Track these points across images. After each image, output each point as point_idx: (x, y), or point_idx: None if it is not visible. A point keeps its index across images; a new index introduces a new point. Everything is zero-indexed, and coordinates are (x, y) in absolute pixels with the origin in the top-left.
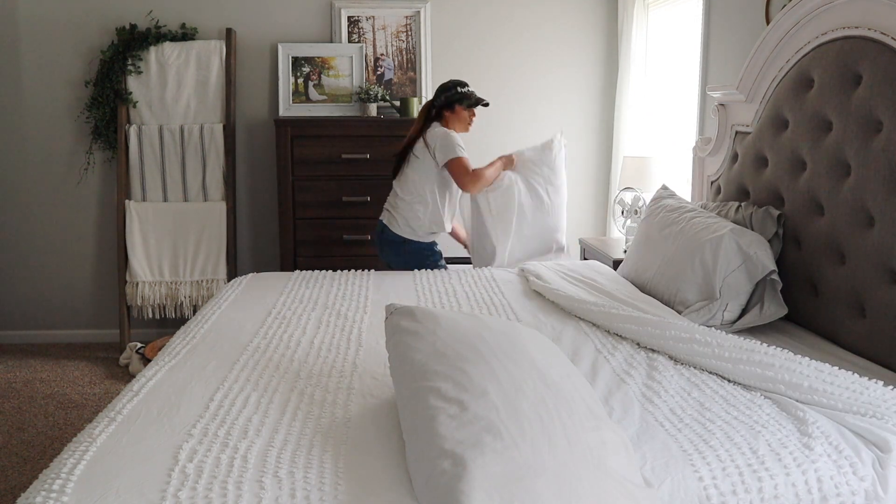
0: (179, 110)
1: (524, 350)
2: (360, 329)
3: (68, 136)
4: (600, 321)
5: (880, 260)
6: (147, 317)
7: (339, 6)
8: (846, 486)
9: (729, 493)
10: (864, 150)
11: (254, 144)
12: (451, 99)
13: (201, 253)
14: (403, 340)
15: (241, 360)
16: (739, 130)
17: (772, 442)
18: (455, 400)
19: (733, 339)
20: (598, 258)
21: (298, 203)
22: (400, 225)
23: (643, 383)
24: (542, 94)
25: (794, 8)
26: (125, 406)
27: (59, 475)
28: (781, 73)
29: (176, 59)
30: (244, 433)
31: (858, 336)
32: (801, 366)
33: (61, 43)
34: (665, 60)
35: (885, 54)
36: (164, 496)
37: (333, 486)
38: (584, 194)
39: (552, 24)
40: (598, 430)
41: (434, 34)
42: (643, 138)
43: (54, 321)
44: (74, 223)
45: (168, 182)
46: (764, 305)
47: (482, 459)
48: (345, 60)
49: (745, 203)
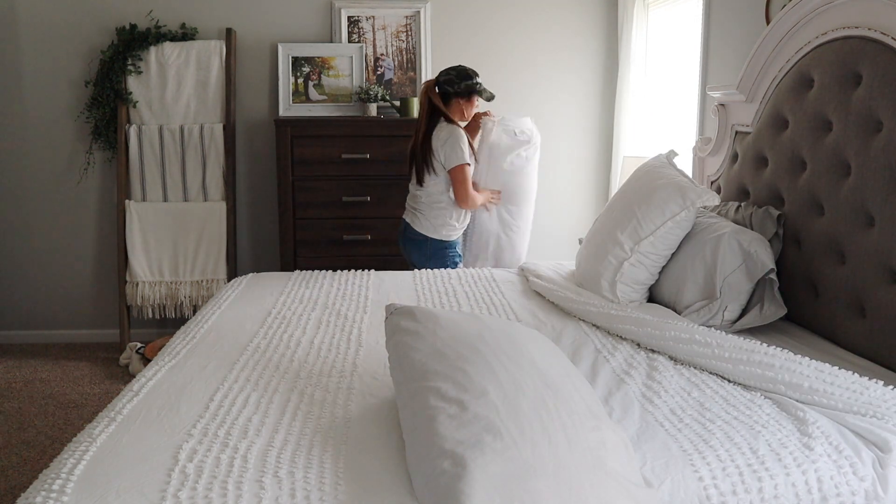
0: (179, 110)
1: (524, 350)
2: (360, 329)
3: (68, 136)
4: (600, 322)
5: (880, 260)
6: (147, 317)
7: (339, 6)
8: (846, 486)
9: (729, 493)
10: (864, 150)
11: (254, 144)
12: (472, 89)
13: (201, 253)
14: (403, 340)
15: (241, 360)
16: (739, 130)
17: (772, 442)
18: (455, 400)
19: (733, 340)
20: None
21: (298, 203)
22: (422, 223)
23: (643, 383)
24: (543, 94)
25: (794, 8)
26: (125, 406)
27: (59, 475)
28: (781, 73)
29: (176, 59)
30: (244, 433)
31: (858, 336)
32: (801, 366)
33: (61, 43)
34: (665, 60)
35: (885, 54)
36: (164, 496)
37: (333, 486)
38: (584, 194)
39: (552, 23)
40: (598, 430)
41: (434, 34)
42: (643, 138)
43: (54, 321)
44: (74, 223)
45: (168, 182)
46: (764, 305)
47: (482, 459)
48: (345, 60)
49: (745, 203)
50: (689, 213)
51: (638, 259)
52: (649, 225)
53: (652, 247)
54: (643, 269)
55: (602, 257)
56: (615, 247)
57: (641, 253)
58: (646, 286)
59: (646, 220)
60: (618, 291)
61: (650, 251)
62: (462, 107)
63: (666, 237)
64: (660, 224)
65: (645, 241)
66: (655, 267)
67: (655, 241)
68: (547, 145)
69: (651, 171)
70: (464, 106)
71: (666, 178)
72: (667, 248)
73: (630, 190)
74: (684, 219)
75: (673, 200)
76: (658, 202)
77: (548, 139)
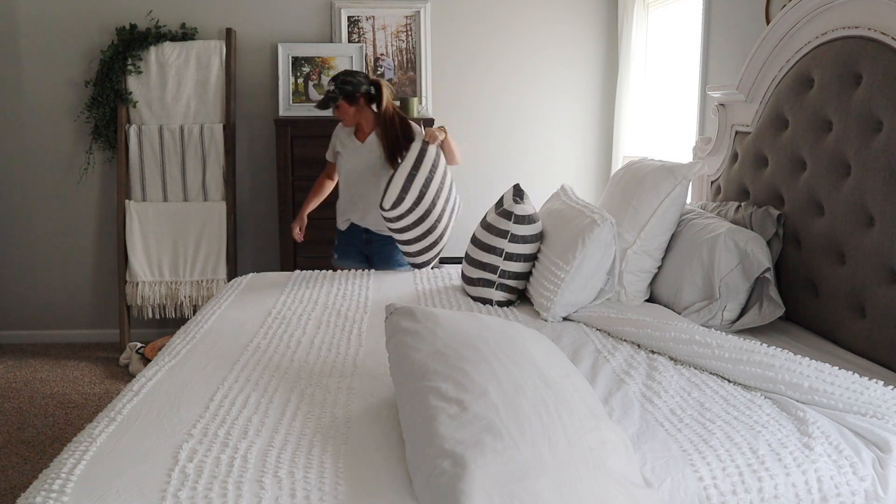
0: (179, 110)
1: (524, 350)
2: (360, 329)
3: (68, 136)
4: (600, 324)
5: (880, 260)
6: (147, 317)
7: (339, 6)
8: (846, 486)
9: (729, 493)
10: (864, 150)
11: (254, 144)
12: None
13: (201, 253)
14: (403, 340)
15: (241, 360)
16: (739, 130)
17: (772, 442)
18: (455, 400)
19: (733, 340)
20: None
21: (298, 203)
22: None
23: (643, 383)
24: (543, 94)
25: (794, 8)
26: (125, 406)
27: (59, 475)
28: (781, 73)
29: (176, 59)
30: (244, 433)
31: (858, 336)
32: (801, 366)
33: (61, 43)
34: (665, 60)
35: (885, 54)
36: (164, 496)
37: (333, 486)
38: (584, 194)
39: (552, 23)
40: (598, 430)
41: (434, 34)
42: (643, 138)
43: (54, 321)
44: (74, 223)
45: (168, 182)
46: (763, 305)
47: (482, 459)
48: (345, 60)
49: (745, 203)
50: (682, 188)
51: (641, 247)
52: (646, 209)
53: (652, 230)
54: (646, 257)
55: None
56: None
57: (643, 239)
58: (650, 274)
59: (642, 206)
60: (625, 282)
61: (651, 235)
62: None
63: (664, 218)
64: (657, 205)
65: (646, 227)
66: (658, 252)
67: (655, 224)
68: (547, 145)
69: (631, 168)
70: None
71: (651, 166)
72: (666, 231)
73: (618, 189)
74: (679, 194)
75: (665, 180)
76: (650, 185)
77: (548, 139)
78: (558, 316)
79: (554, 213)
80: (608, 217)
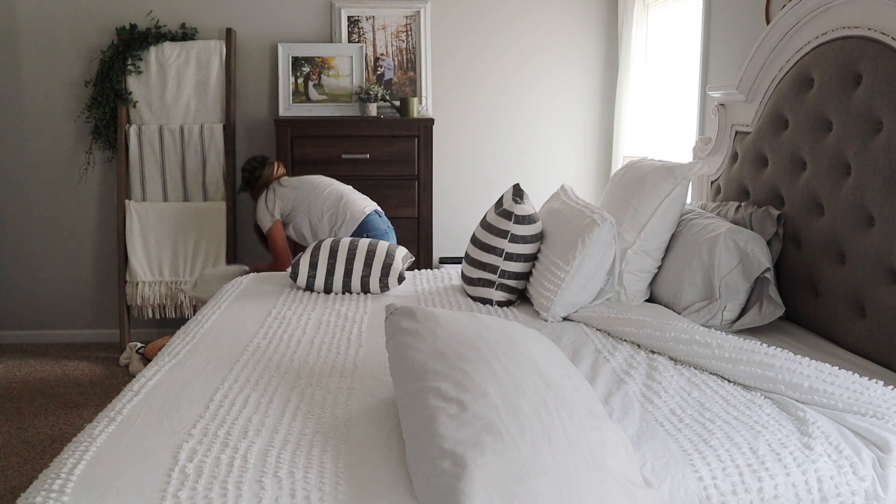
0: (179, 110)
1: (524, 350)
2: (360, 329)
3: (68, 136)
4: (600, 324)
5: (880, 260)
6: (147, 317)
7: (339, 6)
8: (846, 486)
9: (729, 493)
10: (864, 150)
11: (254, 144)
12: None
13: (201, 253)
14: (403, 340)
15: (241, 360)
16: (739, 130)
17: (772, 442)
18: (455, 400)
19: (733, 340)
20: None
21: None
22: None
23: (643, 383)
24: (543, 94)
25: (794, 8)
26: (125, 406)
27: (59, 475)
28: (781, 72)
29: (176, 59)
30: (244, 433)
31: (858, 336)
32: (801, 366)
33: (61, 43)
34: (665, 60)
35: (885, 54)
36: (164, 496)
37: (333, 486)
38: (584, 194)
39: (552, 23)
40: (598, 430)
41: (434, 34)
42: (643, 138)
43: (54, 321)
44: (74, 223)
45: (168, 182)
46: (763, 305)
47: (482, 459)
48: (345, 60)
49: (745, 203)
50: (682, 188)
51: (641, 247)
52: (646, 209)
53: (652, 230)
54: (646, 257)
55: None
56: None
57: (643, 239)
58: (650, 274)
59: (642, 206)
60: (625, 282)
61: (651, 235)
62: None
63: (664, 218)
64: (657, 205)
65: (646, 227)
66: (658, 252)
67: (655, 224)
68: (547, 145)
69: (631, 168)
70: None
71: (651, 166)
72: (666, 231)
73: (618, 189)
74: (679, 194)
75: (665, 180)
76: (650, 185)
77: (548, 139)
78: (558, 316)
79: (554, 213)
80: (608, 217)
